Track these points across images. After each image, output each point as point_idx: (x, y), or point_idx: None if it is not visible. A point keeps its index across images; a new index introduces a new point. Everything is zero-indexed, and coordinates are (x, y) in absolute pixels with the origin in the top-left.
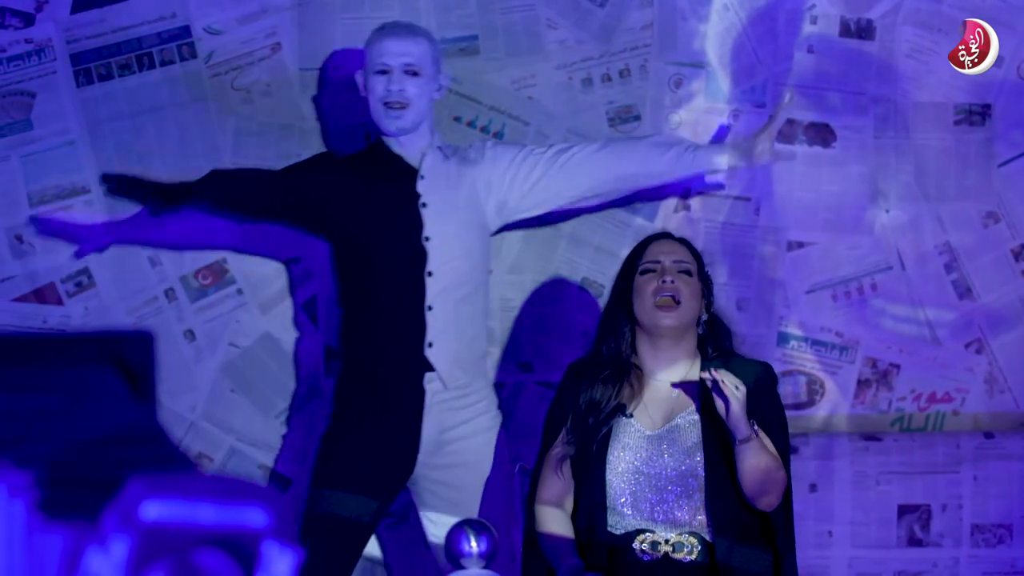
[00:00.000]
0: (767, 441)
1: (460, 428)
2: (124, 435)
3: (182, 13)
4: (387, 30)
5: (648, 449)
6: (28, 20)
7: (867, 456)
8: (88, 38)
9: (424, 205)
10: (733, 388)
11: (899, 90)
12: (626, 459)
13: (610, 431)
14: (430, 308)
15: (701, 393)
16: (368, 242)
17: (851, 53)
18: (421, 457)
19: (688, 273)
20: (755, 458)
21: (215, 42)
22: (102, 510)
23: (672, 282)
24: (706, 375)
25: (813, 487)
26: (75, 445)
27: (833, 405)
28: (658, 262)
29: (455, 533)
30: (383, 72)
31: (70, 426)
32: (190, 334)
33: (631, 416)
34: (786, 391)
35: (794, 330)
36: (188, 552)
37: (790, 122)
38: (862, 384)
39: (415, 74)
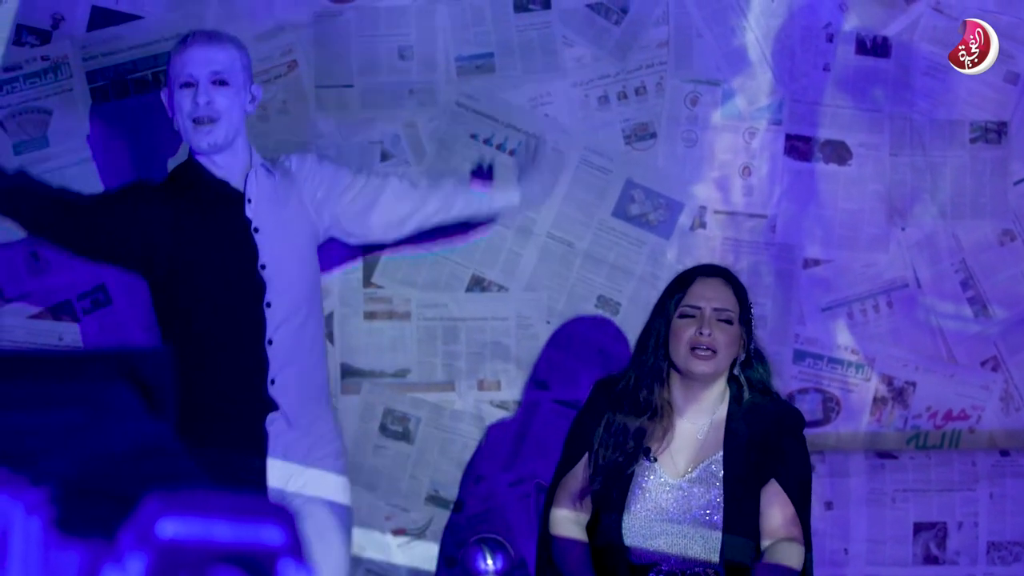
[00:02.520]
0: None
1: (308, 473)
2: (141, 452)
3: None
4: (189, 40)
5: (668, 497)
6: (44, 38)
7: (883, 474)
8: (104, 55)
9: (256, 231)
10: None
11: (915, 108)
12: (647, 505)
13: (633, 473)
14: (270, 342)
15: (727, 437)
16: (198, 276)
17: (867, 70)
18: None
19: (728, 322)
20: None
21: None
22: (119, 527)
23: (710, 334)
24: None
25: (829, 505)
26: (92, 462)
27: (849, 423)
28: (699, 308)
29: (471, 551)
30: (188, 85)
31: (86, 443)
32: None
33: (655, 460)
34: (802, 409)
35: (810, 348)
36: (205, 570)
37: (806, 139)
38: (878, 402)
39: (223, 83)
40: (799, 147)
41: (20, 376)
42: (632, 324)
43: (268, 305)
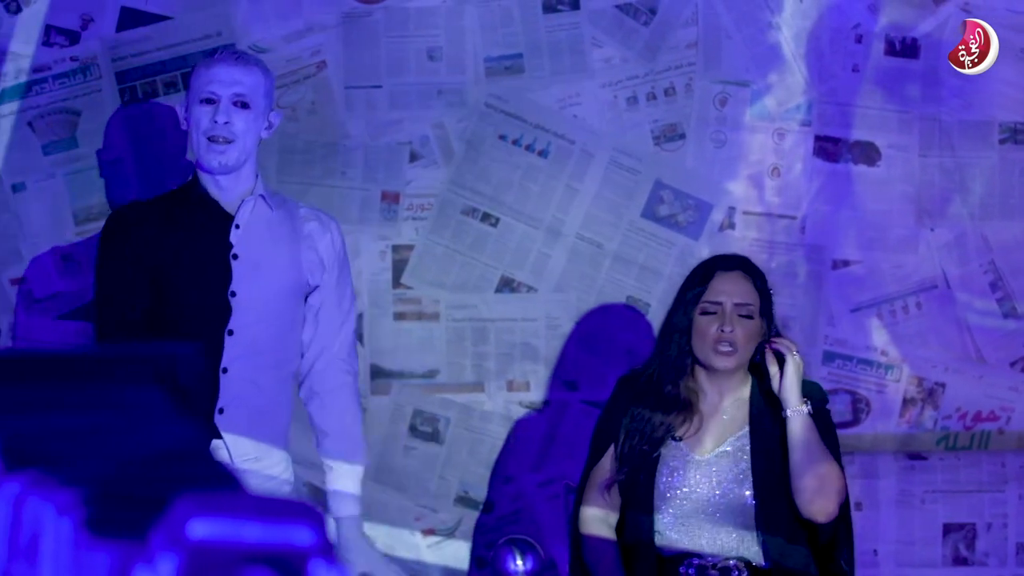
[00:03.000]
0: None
1: None
2: (172, 454)
3: (227, 31)
4: (217, 56)
5: (696, 474)
6: (73, 38)
7: (912, 475)
8: (133, 56)
9: (235, 256)
10: (791, 348)
11: (944, 108)
12: (674, 484)
13: (659, 456)
14: (225, 370)
15: (751, 413)
16: (168, 291)
17: (896, 72)
18: None
19: (749, 316)
20: (805, 433)
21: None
22: (149, 528)
23: (731, 331)
24: (767, 351)
25: (858, 506)
26: (122, 463)
27: (878, 424)
28: (719, 304)
29: (501, 552)
30: (210, 101)
31: (117, 444)
32: None
33: (680, 440)
34: (832, 410)
35: (839, 349)
36: (235, 570)
37: (835, 140)
38: (907, 403)
39: (245, 106)
40: (828, 148)
41: (50, 378)
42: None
43: (230, 333)
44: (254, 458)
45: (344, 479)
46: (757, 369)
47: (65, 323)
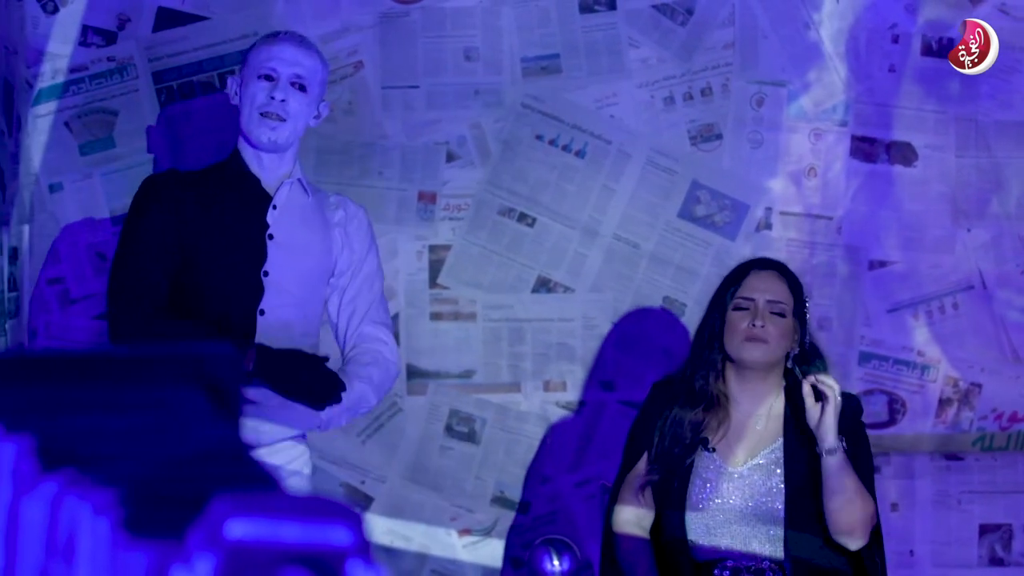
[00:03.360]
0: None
1: None
2: (210, 453)
3: (264, 31)
4: (281, 36)
5: (729, 486)
6: (110, 38)
7: (948, 475)
8: (170, 56)
9: (271, 237)
10: (833, 390)
11: (980, 109)
12: (707, 495)
13: (692, 464)
14: None
15: (785, 427)
16: (204, 264)
17: (932, 72)
18: None
19: (781, 315)
20: (841, 474)
21: None
22: (187, 529)
23: (762, 326)
24: (806, 384)
25: (894, 506)
26: (160, 463)
27: (914, 424)
28: (752, 300)
29: (538, 552)
30: (268, 78)
31: (155, 444)
32: None
33: (714, 451)
34: (868, 410)
35: (876, 349)
36: (273, 570)
37: (871, 141)
38: (943, 403)
39: (302, 88)
40: (865, 148)
41: (87, 378)
42: (698, 325)
43: (261, 312)
44: (278, 442)
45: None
46: (790, 377)
47: (102, 323)
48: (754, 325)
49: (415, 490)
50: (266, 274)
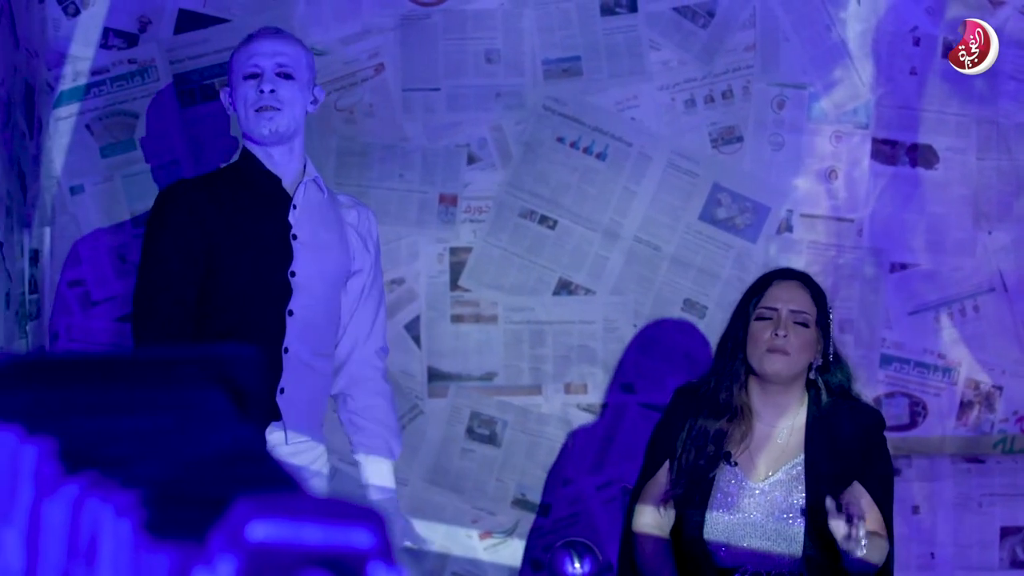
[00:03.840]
0: (873, 518)
1: None
2: (231, 455)
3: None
4: (254, 34)
5: (750, 501)
6: (132, 40)
7: (970, 478)
8: (191, 58)
9: (295, 237)
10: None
11: (1001, 111)
12: (728, 509)
13: (714, 477)
14: (286, 350)
15: (807, 442)
16: (230, 268)
17: (954, 74)
18: None
19: (804, 324)
20: (869, 559)
21: (318, 62)
22: (209, 530)
23: (785, 336)
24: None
25: (916, 509)
26: (182, 465)
27: (936, 427)
28: (775, 310)
29: (558, 554)
30: (253, 76)
31: (177, 446)
32: None
33: (735, 464)
34: (889, 413)
35: (897, 352)
36: (295, 573)
37: (893, 143)
38: (964, 406)
39: (288, 76)
40: (886, 151)
41: (109, 380)
42: (719, 328)
43: (290, 313)
44: (301, 441)
45: (377, 474)
46: (813, 389)
47: (123, 325)
48: (776, 335)
49: (436, 492)
50: (293, 274)
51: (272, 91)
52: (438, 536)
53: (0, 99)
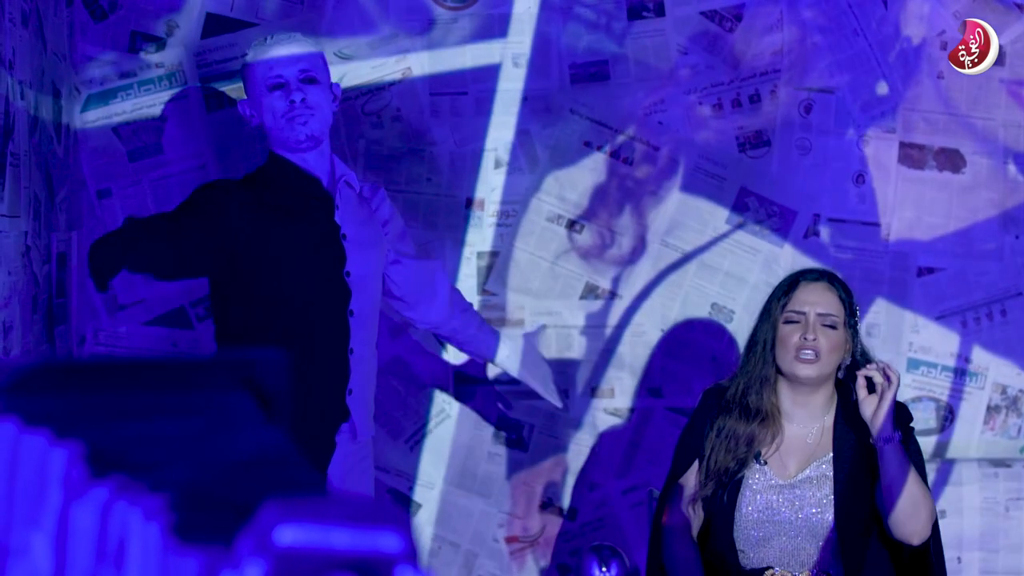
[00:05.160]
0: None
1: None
2: (259, 460)
3: (311, 36)
4: (270, 42)
5: (778, 498)
6: (159, 45)
7: (996, 482)
8: (218, 63)
9: (344, 237)
10: (896, 375)
11: None
12: (757, 507)
13: (743, 475)
14: (352, 351)
15: (836, 440)
16: (285, 275)
17: (981, 79)
18: None
19: (832, 327)
20: (900, 464)
21: (346, 67)
22: (237, 534)
23: (814, 339)
24: (861, 376)
25: (942, 513)
26: (210, 468)
27: (962, 431)
28: (803, 313)
29: (586, 559)
30: (278, 86)
31: (205, 449)
32: None
33: (765, 463)
34: (916, 417)
35: (923, 356)
36: None
37: (920, 147)
38: (991, 410)
39: (313, 80)
40: (913, 155)
41: (137, 384)
42: (746, 332)
43: (351, 313)
44: (365, 440)
45: (508, 353)
46: (842, 389)
47: (150, 329)
48: (805, 339)
49: (463, 496)
50: (348, 274)
51: (303, 99)
52: (465, 540)
53: (28, 103)
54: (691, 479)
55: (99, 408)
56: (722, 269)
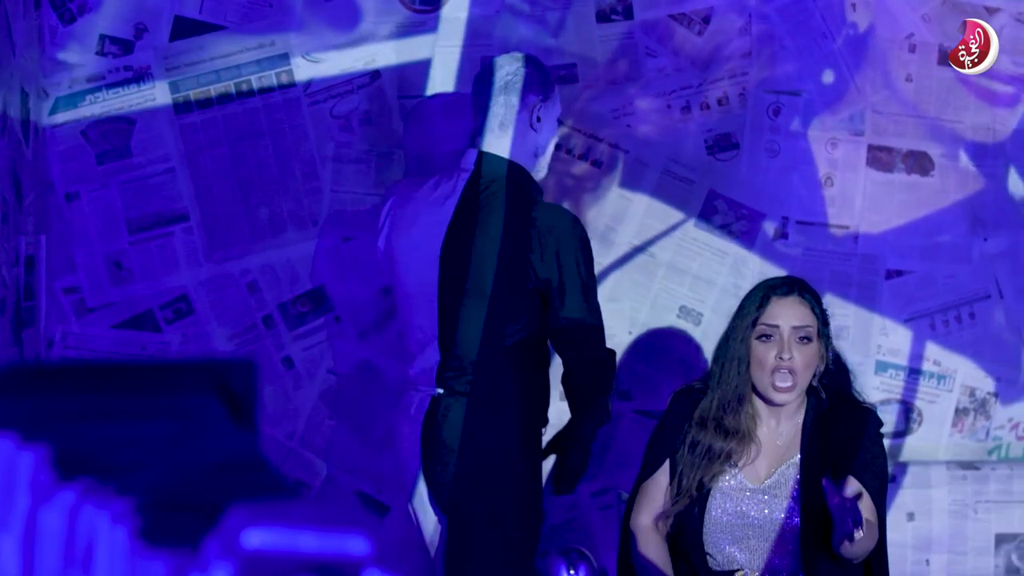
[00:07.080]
0: (867, 506)
1: None
2: (226, 463)
3: (281, 41)
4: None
5: (749, 502)
6: (127, 47)
7: (965, 485)
8: (187, 65)
9: None
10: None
11: (997, 118)
12: (727, 511)
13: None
14: None
15: (804, 441)
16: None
17: (949, 81)
18: None
19: (808, 339)
20: (857, 547)
21: (314, 70)
22: (204, 538)
23: (790, 358)
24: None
25: (911, 516)
26: (177, 472)
27: (931, 434)
28: (777, 327)
29: (553, 561)
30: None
31: (172, 454)
32: (288, 361)
33: (739, 469)
34: (884, 419)
35: (892, 359)
36: None
37: (888, 150)
38: (960, 413)
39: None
40: (881, 158)
41: (105, 387)
42: (715, 334)
43: None
44: None
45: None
46: (812, 390)
47: (119, 332)
48: (781, 358)
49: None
50: None
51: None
52: (434, 545)
53: None
54: (660, 479)
55: (67, 411)
56: (691, 272)
